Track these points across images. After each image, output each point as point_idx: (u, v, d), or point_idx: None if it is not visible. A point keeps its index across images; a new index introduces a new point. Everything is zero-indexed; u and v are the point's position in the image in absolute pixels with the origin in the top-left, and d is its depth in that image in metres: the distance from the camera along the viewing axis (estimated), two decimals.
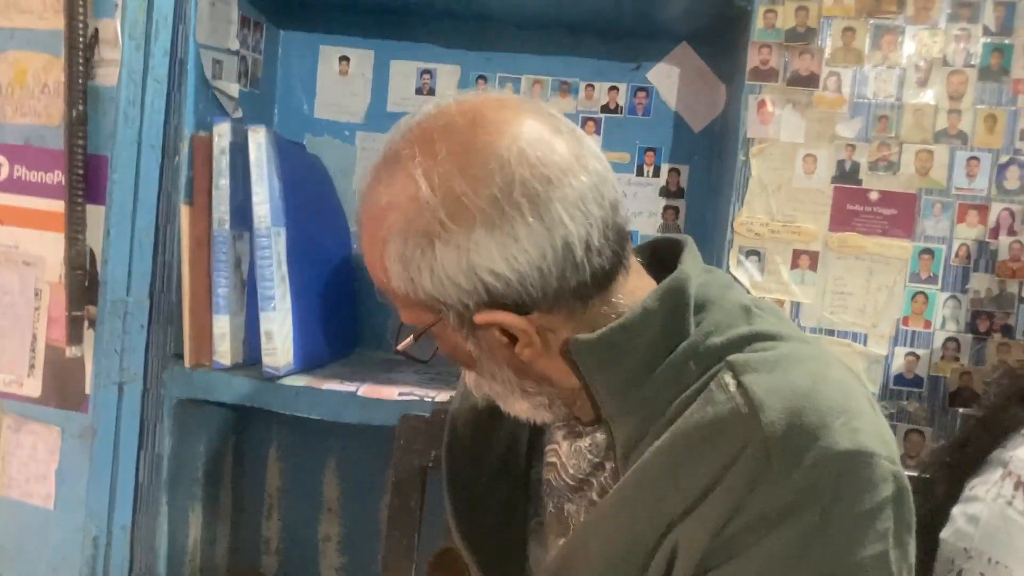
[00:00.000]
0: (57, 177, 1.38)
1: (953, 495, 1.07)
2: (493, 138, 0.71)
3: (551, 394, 0.80)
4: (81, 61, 1.33)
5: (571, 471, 0.86)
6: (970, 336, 1.37)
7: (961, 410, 1.38)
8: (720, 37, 1.56)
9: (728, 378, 0.70)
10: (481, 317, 0.72)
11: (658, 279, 0.78)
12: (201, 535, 1.57)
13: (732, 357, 0.72)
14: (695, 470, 0.68)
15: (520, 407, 0.82)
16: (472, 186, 0.69)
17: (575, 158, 0.72)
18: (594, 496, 0.83)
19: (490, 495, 0.95)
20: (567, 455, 0.87)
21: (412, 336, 0.78)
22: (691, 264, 0.79)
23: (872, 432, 0.68)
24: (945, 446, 1.17)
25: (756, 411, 0.66)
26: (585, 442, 0.85)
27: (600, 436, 0.83)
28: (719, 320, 0.75)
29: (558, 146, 0.72)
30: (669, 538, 0.70)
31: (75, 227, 1.35)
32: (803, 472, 0.64)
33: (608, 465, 0.81)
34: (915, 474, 1.37)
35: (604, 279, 0.74)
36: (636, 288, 0.77)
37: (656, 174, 1.64)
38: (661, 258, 0.83)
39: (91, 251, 1.37)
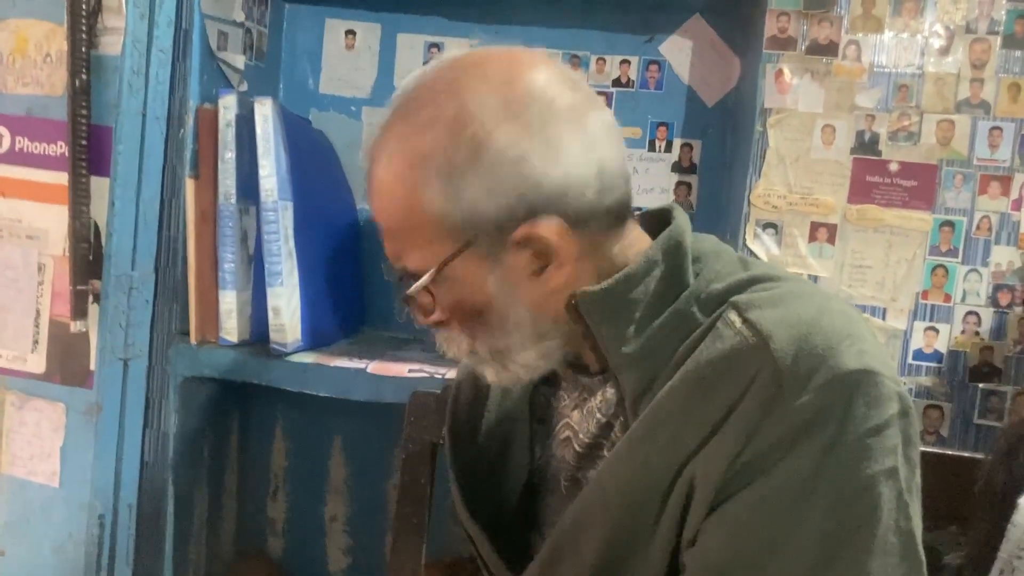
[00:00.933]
0: (60, 148, 1.35)
1: None
2: (528, 67, 0.75)
3: (565, 334, 0.79)
4: (84, 29, 1.30)
5: (583, 437, 0.84)
6: (991, 310, 1.35)
7: (981, 385, 1.35)
8: (735, 8, 1.53)
9: (733, 316, 0.72)
10: (522, 231, 0.73)
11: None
12: (206, 515, 1.55)
13: (735, 298, 0.74)
14: (708, 403, 0.69)
15: (526, 357, 0.79)
16: (520, 101, 0.72)
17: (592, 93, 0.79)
18: (606, 453, 0.82)
19: (496, 479, 0.93)
20: (579, 423, 0.85)
21: (429, 273, 0.75)
22: (683, 220, 0.81)
23: (876, 353, 0.69)
24: None
25: (765, 340, 0.68)
26: (596, 400, 0.84)
27: (609, 392, 0.82)
28: (718, 269, 0.77)
29: (582, 79, 0.79)
30: (686, 472, 0.70)
31: (79, 200, 1.32)
32: (814, 393, 0.66)
33: (618, 422, 0.81)
34: (933, 450, 1.35)
35: (622, 213, 0.78)
36: (636, 241, 0.80)
37: (668, 149, 1.62)
38: (650, 228, 0.84)
39: (95, 224, 1.35)
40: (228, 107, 1.37)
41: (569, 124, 0.73)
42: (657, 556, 0.73)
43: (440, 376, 1.32)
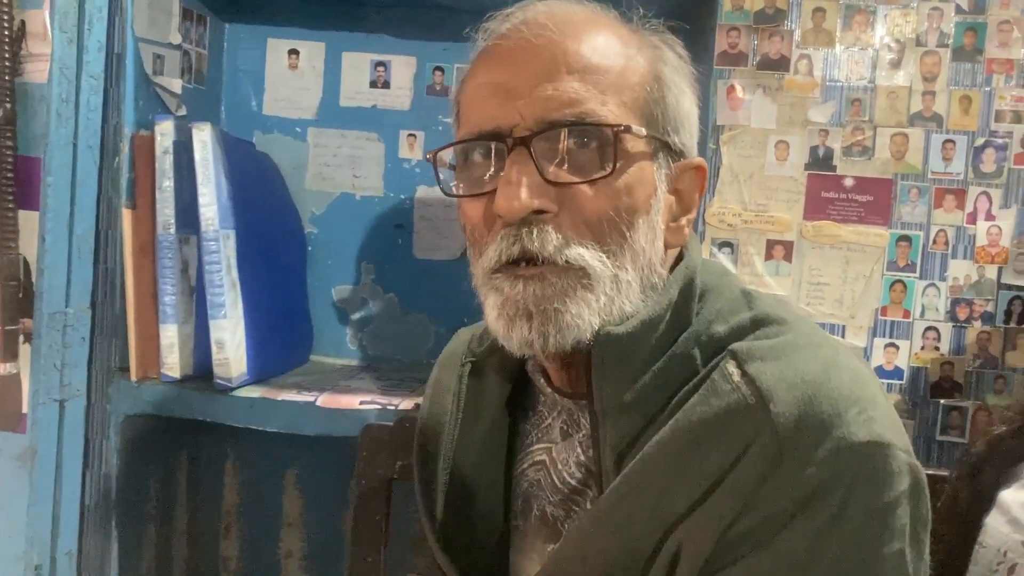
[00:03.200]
0: None
1: (1003, 479, 1.03)
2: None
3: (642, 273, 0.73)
4: (7, 56, 1.24)
5: (563, 474, 0.79)
6: (950, 325, 1.34)
7: (942, 401, 1.34)
8: (686, 21, 1.49)
9: (732, 368, 0.66)
10: (699, 161, 0.76)
11: None
12: (155, 558, 1.49)
13: (735, 345, 0.68)
14: (700, 465, 0.64)
15: (631, 305, 0.71)
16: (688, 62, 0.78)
17: None
18: (587, 505, 0.77)
19: (467, 498, 0.88)
20: (560, 453, 0.80)
21: (645, 129, 0.71)
22: (697, 250, 0.77)
23: (888, 422, 0.64)
24: (1001, 432, 1.14)
25: (765, 402, 0.63)
26: (581, 434, 0.79)
27: (586, 425, 0.78)
28: (720, 308, 0.72)
29: None
30: (672, 538, 0.65)
31: (6, 235, 1.26)
32: (817, 466, 0.61)
33: (602, 470, 0.75)
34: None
35: None
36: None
37: None
38: None
39: (25, 260, 1.29)
40: (165, 133, 1.31)
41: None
42: None
43: (393, 407, 1.28)
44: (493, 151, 0.70)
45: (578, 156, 0.68)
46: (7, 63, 1.24)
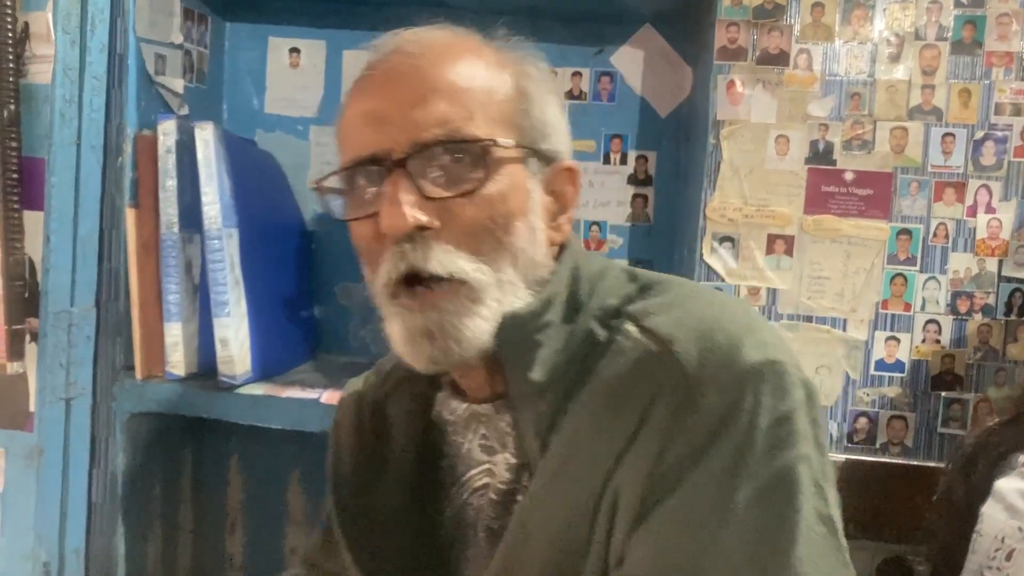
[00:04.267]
0: None
1: (996, 470, 1.05)
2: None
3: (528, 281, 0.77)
4: (11, 58, 1.25)
5: (497, 485, 0.81)
6: (951, 318, 1.34)
7: (943, 394, 1.35)
8: (684, 17, 1.51)
9: (631, 327, 0.72)
10: (571, 163, 0.80)
11: None
12: (161, 555, 1.50)
13: (628, 308, 0.74)
14: (619, 417, 0.69)
15: (520, 298, 0.75)
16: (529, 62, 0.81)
17: None
18: (520, 498, 0.79)
19: (393, 539, 0.88)
20: (497, 467, 0.82)
21: (509, 141, 0.74)
22: (576, 242, 0.81)
23: (779, 345, 0.70)
24: (994, 424, 1.15)
25: (667, 346, 0.68)
26: (497, 432, 0.81)
27: (505, 422, 0.80)
28: (608, 285, 0.78)
29: None
30: (608, 490, 0.69)
31: (11, 235, 1.27)
32: (723, 391, 0.66)
33: (528, 462, 0.78)
34: (898, 461, 1.35)
35: None
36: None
37: (623, 161, 1.59)
38: None
39: (30, 260, 1.29)
40: (168, 133, 1.32)
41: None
42: None
43: None
44: (375, 175, 0.74)
45: (452, 172, 0.73)
46: (11, 64, 1.25)
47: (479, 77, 0.75)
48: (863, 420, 1.36)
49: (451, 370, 0.81)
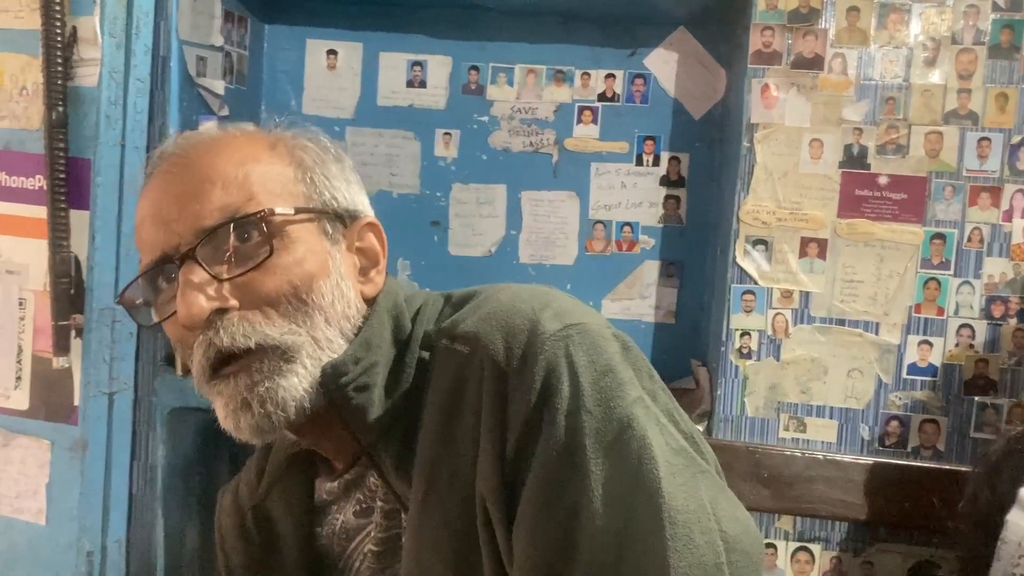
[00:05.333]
0: (39, 182, 1.33)
1: (1022, 477, 1.04)
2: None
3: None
4: (60, 61, 1.28)
5: (377, 536, 0.83)
6: (985, 322, 1.34)
7: (976, 398, 1.34)
8: (719, 20, 1.51)
9: (445, 342, 0.75)
10: (368, 219, 0.82)
11: None
12: (199, 546, 1.53)
13: (441, 327, 0.76)
14: (460, 424, 0.71)
15: (334, 347, 0.76)
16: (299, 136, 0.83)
17: None
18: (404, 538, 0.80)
19: None
20: (377, 527, 0.83)
21: (289, 208, 0.76)
22: (394, 283, 0.84)
23: (576, 311, 0.72)
24: (1020, 431, 1.14)
25: (476, 344, 0.71)
26: (365, 489, 0.84)
27: (373, 476, 0.82)
28: (427, 315, 0.80)
29: None
30: (477, 498, 0.70)
31: (59, 234, 1.30)
32: (535, 366, 0.68)
33: (401, 512, 0.79)
34: (932, 465, 1.35)
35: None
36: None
37: (656, 163, 1.60)
38: None
39: (76, 258, 1.33)
40: (211, 130, 1.35)
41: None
42: None
43: None
44: (171, 273, 0.75)
45: (242, 251, 0.74)
46: (60, 68, 1.28)
47: (250, 159, 0.77)
48: (894, 423, 1.36)
49: (302, 440, 0.83)
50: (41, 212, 1.31)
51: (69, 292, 1.32)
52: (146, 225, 0.77)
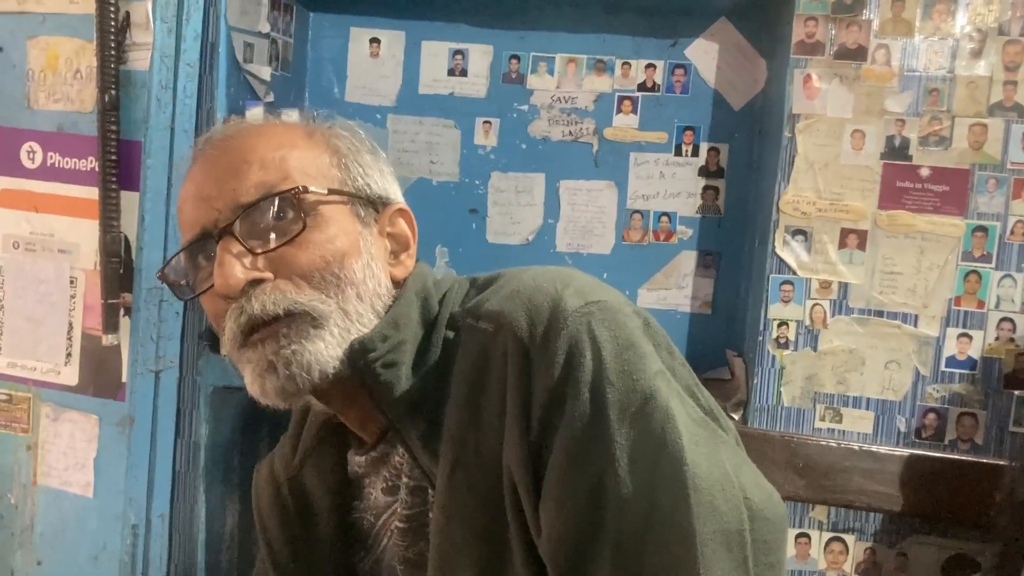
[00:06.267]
0: (91, 164, 1.36)
1: None
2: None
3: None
4: (113, 45, 1.31)
5: (403, 511, 0.84)
6: None
7: (1016, 392, 1.34)
8: (761, 11, 1.51)
9: (470, 321, 0.76)
10: (400, 205, 0.86)
11: None
12: (238, 523, 1.56)
13: (467, 307, 0.78)
14: (486, 400, 0.73)
15: (367, 326, 0.79)
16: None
17: None
18: (431, 515, 0.81)
19: None
20: (403, 503, 0.85)
21: (323, 188, 0.80)
22: (424, 266, 0.86)
23: (594, 287, 0.74)
24: None
25: (500, 322, 0.72)
26: (392, 464, 0.85)
27: (400, 452, 0.83)
28: (454, 297, 0.82)
29: None
30: (504, 470, 0.72)
31: (109, 214, 1.34)
32: (557, 342, 0.69)
33: (428, 488, 0.80)
34: (970, 459, 1.34)
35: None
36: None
37: (695, 153, 1.61)
38: None
39: (126, 238, 1.36)
40: (255, 118, 1.37)
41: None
42: (524, 567, 0.72)
43: None
44: (210, 248, 0.79)
45: (278, 227, 0.77)
46: (113, 52, 1.31)
47: (287, 144, 0.81)
48: (932, 416, 1.36)
49: (328, 407, 0.85)
50: (93, 193, 1.35)
51: (119, 271, 1.35)
52: (188, 204, 0.81)
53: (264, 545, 0.97)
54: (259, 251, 0.77)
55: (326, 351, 0.76)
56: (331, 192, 0.80)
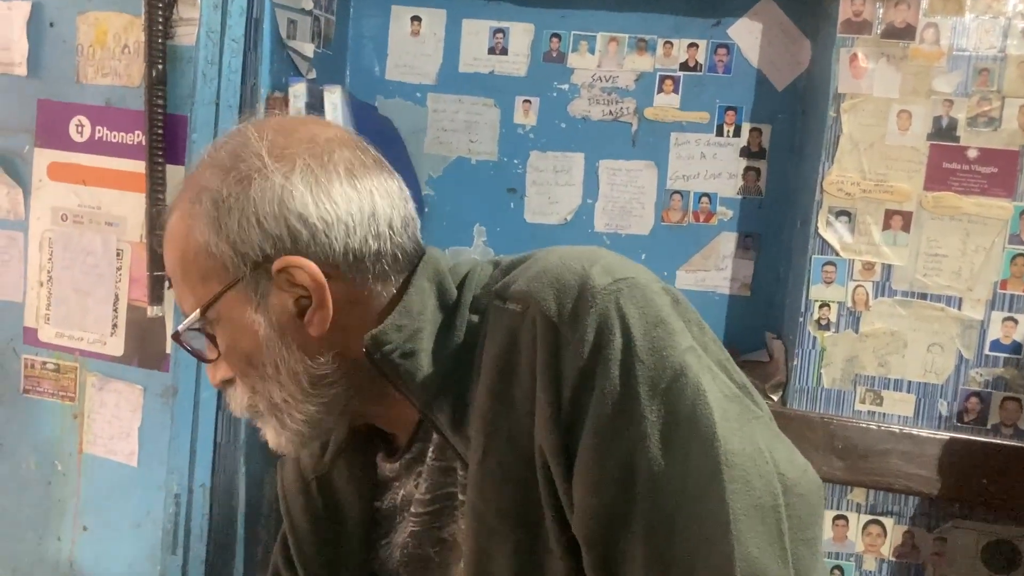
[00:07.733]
0: (138, 138, 1.38)
1: None
2: (320, 127, 0.80)
3: (348, 384, 0.79)
4: (160, 21, 1.33)
5: (426, 495, 0.84)
6: None
7: None
8: None
9: (497, 302, 0.75)
10: (280, 262, 0.74)
11: None
12: (276, 497, 1.58)
13: (494, 288, 0.76)
14: (517, 381, 0.72)
15: (305, 411, 0.78)
16: (298, 146, 0.76)
17: (384, 165, 0.82)
18: (460, 496, 0.81)
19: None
20: (427, 481, 0.85)
21: (197, 312, 0.77)
22: (434, 249, 0.83)
23: (623, 265, 0.73)
24: None
25: (528, 302, 0.71)
26: (429, 460, 0.84)
27: (435, 439, 0.82)
28: (476, 280, 0.80)
29: (373, 153, 0.82)
30: (536, 451, 0.71)
31: (156, 187, 1.35)
32: (586, 320, 0.68)
33: (458, 461, 0.80)
34: (1012, 443, 1.33)
35: (397, 264, 0.79)
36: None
37: (737, 134, 1.60)
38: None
39: None
40: (298, 95, 1.39)
41: (348, 174, 0.76)
42: (558, 545, 0.72)
43: None
44: None
45: (196, 342, 0.81)
46: (160, 27, 1.33)
47: (179, 248, 0.78)
48: (974, 400, 1.35)
49: (368, 419, 0.86)
50: (139, 167, 1.37)
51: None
52: None
53: (291, 539, 0.96)
54: (209, 360, 0.80)
55: (275, 439, 0.81)
56: (223, 290, 0.76)
